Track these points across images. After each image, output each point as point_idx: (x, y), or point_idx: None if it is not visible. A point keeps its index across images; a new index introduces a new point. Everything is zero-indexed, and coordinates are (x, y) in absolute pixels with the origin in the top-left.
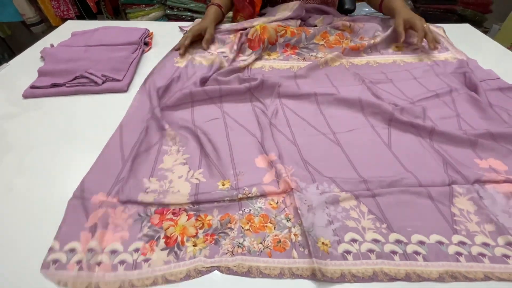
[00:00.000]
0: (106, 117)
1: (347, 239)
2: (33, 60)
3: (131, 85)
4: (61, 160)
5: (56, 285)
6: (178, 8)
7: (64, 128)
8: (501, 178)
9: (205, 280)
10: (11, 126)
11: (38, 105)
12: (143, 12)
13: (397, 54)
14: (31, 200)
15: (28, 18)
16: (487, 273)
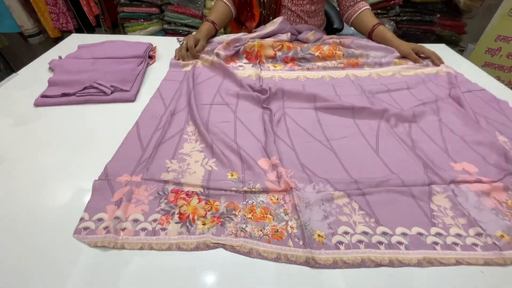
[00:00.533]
0: (115, 124)
1: (340, 232)
2: (42, 71)
3: (138, 95)
4: (76, 160)
5: (87, 246)
6: (175, 23)
7: (75, 134)
8: (472, 179)
9: (210, 254)
10: (23, 132)
11: (48, 113)
12: (141, 26)
13: (397, 66)
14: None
15: (26, 29)
16: (459, 259)
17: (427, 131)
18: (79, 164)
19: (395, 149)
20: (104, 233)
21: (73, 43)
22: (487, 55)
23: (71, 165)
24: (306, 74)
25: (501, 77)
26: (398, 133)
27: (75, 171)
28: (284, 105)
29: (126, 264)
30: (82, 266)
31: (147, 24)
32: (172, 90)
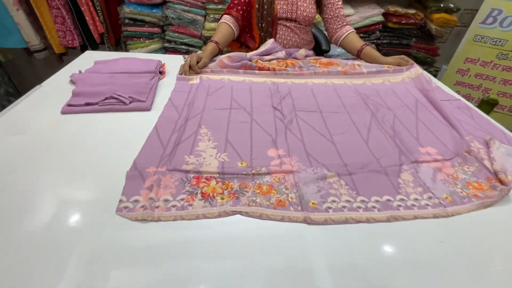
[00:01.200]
0: (135, 128)
1: (329, 200)
2: (63, 84)
3: (152, 105)
4: (105, 159)
5: (129, 221)
6: (175, 42)
7: (100, 137)
8: (431, 159)
9: (231, 220)
10: (54, 136)
11: (74, 120)
12: (143, 44)
13: (387, 74)
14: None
15: (32, 45)
16: (416, 215)
17: (406, 125)
18: (108, 162)
19: (380, 140)
20: (142, 210)
21: (88, 59)
22: (458, 75)
23: (101, 162)
24: (313, 80)
25: (471, 94)
26: (384, 126)
27: (105, 167)
28: (295, 109)
29: (164, 235)
30: (126, 237)
31: (149, 43)
32: (182, 100)
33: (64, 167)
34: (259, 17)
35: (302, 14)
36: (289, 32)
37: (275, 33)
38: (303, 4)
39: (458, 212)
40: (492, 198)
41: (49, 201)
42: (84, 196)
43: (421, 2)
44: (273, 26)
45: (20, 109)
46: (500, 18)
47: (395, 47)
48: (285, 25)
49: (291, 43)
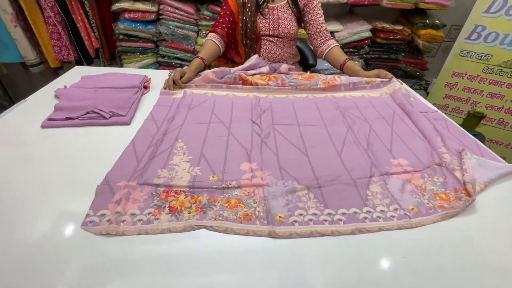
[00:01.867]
0: (113, 142)
1: (296, 214)
2: (48, 98)
3: (133, 119)
4: (80, 172)
5: (94, 235)
6: (169, 57)
7: (78, 151)
8: (401, 171)
9: (196, 234)
10: (33, 150)
11: (54, 134)
12: (137, 59)
13: (364, 90)
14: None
15: (29, 60)
16: (381, 227)
17: (380, 136)
18: (82, 175)
19: (353, 152)
20: (107, 224)
21: (76, 74)
22: (446, 88)
23: (76, 175)
24: (294, 94)
25: (460, 107)
26: (359, 139)
27: (78, 180)
28: (274, 122)
29: (128, 249)
30: (88, 252)
31: (143, 57)
32: (163, 114)
33: (38, 180)
34: (243, 34)
35: (284, 31)
36: (272, 46)
37: (259, 48)
38: (284, 22)
39: (422, 223)
40: (456, 208)
41: (19, 214)
42: (52, 210)
43: (408, 19)
44: (257, 42)
45: (2, 123)
46: (484, 34)
47: (384, 61)
48: (268, 40)
49: (275, 57)
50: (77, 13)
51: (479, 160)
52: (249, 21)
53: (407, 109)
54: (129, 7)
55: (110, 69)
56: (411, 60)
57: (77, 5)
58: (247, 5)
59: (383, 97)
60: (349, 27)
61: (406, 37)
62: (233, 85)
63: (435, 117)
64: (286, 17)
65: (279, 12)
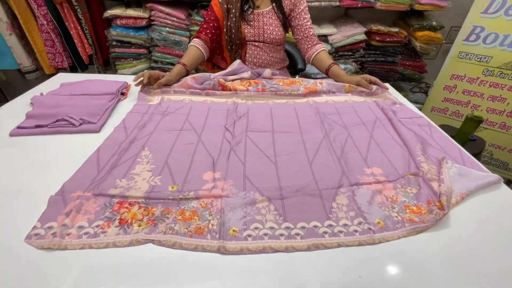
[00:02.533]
0: (79, 151)
1: (251, 227)
2: (23, 106)
3: (105, 126)
4: (40, 181)
5: (36, 249)
6: (161, 62)
7: (43, 160)
8: (372, 181)
9: (143, 249)
10: None
11: (22, 142)
12: (130, 65)
13: (348, 95)
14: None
15: (24, 67)
16: (340, 242)
17: (357, 144)
18: (41, 184)
19: (325, 161)
20: (51, 237)
21: (58, 81)
22: (445, 92)
23: (34, 185)
24: (274, 100)
25: (460, 111)
26: (334, 146)
27: (37, 189)
28: (247, 129)
29: (70, 263)
30: (29, 266)
31: (136, 63)
32: (135, 121)
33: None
34: (227, 40)
35: (270, 37)
36: (258, 51)
37: (245, 53)
38: (270, 27)
39: (386, 239)
40: (426, 223)
41: None
42: (6, 221)
43: (404, 21)
44: (242, 47)
45: None
46: (483, 35)
47: (381, 64)
48: (254, 44)
49: (261, 61)
50: (70, 21)
51: (460, 169)
52: (234, 27)
53: (390, 115)
54: (121, 14)
55: (98, 76)
56: (409, 63)
57: (70, 12)
58: (232, 11)
59: (367, 103)
60: (343, 30)
61: (403, 40)
62: (211, 91)
63: (419, 123)
64: (271, 22)
65: (264, 18)
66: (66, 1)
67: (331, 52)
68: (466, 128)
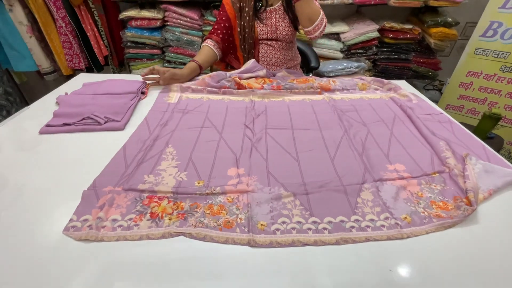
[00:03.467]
0: (105, 147)
1: (279, 222)
2: (50, 104)
3: (128, 125)
4: (72, 177)
5: (74, 240)
6: (174, 62)
7: (72, 156)
8: (396, 177)
9: (175, 241)
10: (29, 155)
11: (51, 139)
12: (144, 65)
13: (362, 92)
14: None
15: (43, 68)
16: (368, 237)
17: (378, 141)
18: (73, 179)
19: (347, 157)
20: (87, 230)
21: (80, 81)
22: (461, 89)
23: (67, 180)
24: (290, 97)
25: (476, 109)
26: (355, 143)
27: (70, 184)
28: (267, 126)
29: (105, 254)
30: (70, 256)
31: (150, 63)
32: (157, 119)
33: (31, 185)
34: (241, 39)
35: (282, 33)
36: (271, 50)
37: (258, 53)
38: (282, 24)
39: (414, 234)
40: (454, 218)
41: (11, 217)
42: (36, 215)
43: (418, 17)
44: (255, 47)
45: (4, 128)
46: (501, 30)
47: (394, 62)
48: (266, 44)
49: (273, 60)
50: (87, 23)
51: (485, 166)
52: (247, 26)
53: (409, 112)
54: (136, 15)
55: (115, 76)
56: (423, 60)
57: (87, 15)
58: (245, 10)
59: (383, 100)
60: (356, 27)
61: (416, 36)
62: (228, 90)
63: (440, 120)
64: (283, 19)
65: (276, 15)
66: (83, 4)
67: (343, 50)
68: (484, 126)
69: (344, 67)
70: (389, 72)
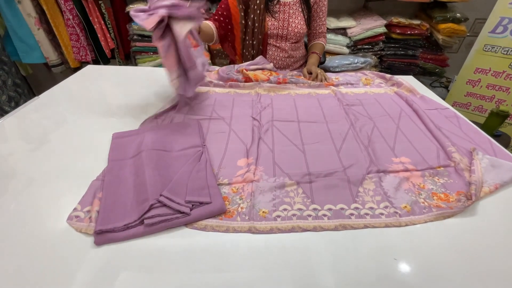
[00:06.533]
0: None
1: (280, 209)
2: (58, 96)
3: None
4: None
5: (75, 231)
6: None
7: (85, 144)
8: (401, 168)
9: (177, 232)
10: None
11: (60, 129)
12: (150, 58)
13: (366, 87)
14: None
15: (51, 60)
16: (366, 224)
17: (384, 134)
18: (84, 169)
19: (353, 149)
20: (88, 222)
21: (87, 74)
22: (468, 86)
23: (76, 170)
24: (296, 91)
25: (483, 106)
26: (361, 136)
27: (79, 174)
28: (273, 119)
29: (108, 245)
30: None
31: (155, 57)
32: (165, 111)
33: (38, 174)
34: (249, 34)
35: (294, 31)
36: (279, 52)
37: (266, 53)
38: (295, 20)
39: (412, 222)
40: (453, 209)
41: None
42: (45, 204)
43: (426, 13)
44: (263, 44)
45: (15, 118)
46: (511, 26)
47: (401, 58)
48: (275, 45)
49: (281, 62)
50: (94, 15)
51: (492, 160)
52: (257, 20)
53: (415, 106)
54: None
55: (125, 68)
56: (430, 56)
57: (94, 7)
58: (256, 2)
59: (388, 94)
60: (363, 22)
61: (424, 32)
62: (235, 83)
63: (446, 115)
64: (297, 15)
65: (290, 10)
66: None
67: (349, 45)
68: (491, 123)
69: (351, 62)
70: (395, 68)
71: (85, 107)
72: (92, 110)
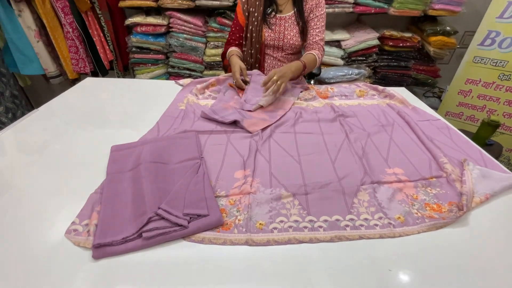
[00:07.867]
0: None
1: (277, 221)
2: (57, 108)
3: (140, 131)
4: (81, 179)
5: (73, 244)
6: (178, 67)
7: (88, 157)
8: (394, 180)
9: (174, 245)
10: (39, 156)
11: (58, 142)
12: (148, 70)
13: (360, 99)
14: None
15: (49, 72)
16: (361, 235)
17: (377, 145)
18: (82, 183)
19: (348, 160)
20: (87, 236)
21: (87, 86)
22: (460, 96)
23: (74, 183)
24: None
25: (475, 116)
26: (355, 147)
27: (78, 188)
28: (271, 131)
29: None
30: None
31: (154, 68)
32: (168, 124)
33: (35, 187)
34: (248, 43)
35: (289, 42)
36: (276, 61)
37: (264, 62)
38: (290, 33)
39: (406, 233)
40: (446, 219)
41: (9, 221)
42: (41, 217)
43: (417, 26)
44: (261, 53)
45: (14, 131)
46: (499, 39)
47: (394, 69)
48: (271, 55)
49: (280, 64)
50: (94, 28)
51: (482, 171)
52: (255, 30)
53: (407, 118)
54: (141, 21)
55: (123, 80)
56: (422, 67)
57: (94, 20)
58: (254, 14)
59: (380, 106)
60: (356, 35)
61: (416, 44)
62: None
63: (438, 126)
64: (292, 28)
65: (286, 23)
66: (90, 10)
67: (344, 57)
68: (483, 133)
69: (345, 74)
70: (389, 79)
71: (84, 119)
72: (90, 123)
